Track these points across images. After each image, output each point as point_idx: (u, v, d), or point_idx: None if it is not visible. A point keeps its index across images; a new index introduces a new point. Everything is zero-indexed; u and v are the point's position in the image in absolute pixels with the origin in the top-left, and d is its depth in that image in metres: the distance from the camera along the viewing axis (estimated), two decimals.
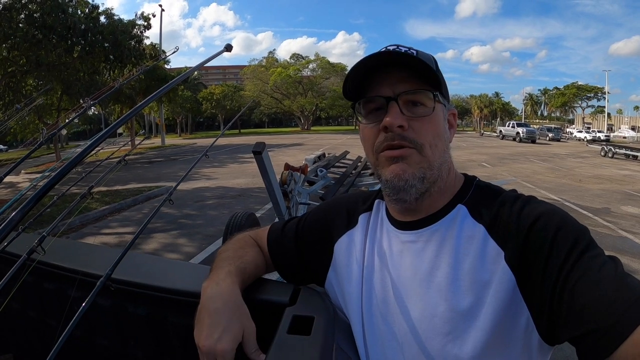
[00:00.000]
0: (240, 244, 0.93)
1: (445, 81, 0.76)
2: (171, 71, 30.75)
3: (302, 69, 59.52)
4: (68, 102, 20.12)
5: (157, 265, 1.11)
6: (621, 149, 19.93)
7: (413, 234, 0.75)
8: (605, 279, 0.55)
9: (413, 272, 0.72)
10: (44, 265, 1.00)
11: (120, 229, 6.87)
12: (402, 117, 0.69)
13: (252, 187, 10.41)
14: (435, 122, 0.72)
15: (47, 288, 1.11)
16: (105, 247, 3.48)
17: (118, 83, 1.35)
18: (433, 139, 0.71)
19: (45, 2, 11.87)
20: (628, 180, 12.03)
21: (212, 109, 57.40)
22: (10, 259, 0.94)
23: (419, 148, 0.70)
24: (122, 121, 0.97)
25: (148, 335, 1.00)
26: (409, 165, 0.70)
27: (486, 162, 16.53)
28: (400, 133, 0.69)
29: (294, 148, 24.03)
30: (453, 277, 0.68)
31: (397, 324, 0.73)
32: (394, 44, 0.74)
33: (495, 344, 0.64)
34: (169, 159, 20.35)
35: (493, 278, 0.64)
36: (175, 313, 0.94)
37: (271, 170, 3.61)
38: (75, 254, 1.19)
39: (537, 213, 0.65)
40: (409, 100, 0.71)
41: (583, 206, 8.21)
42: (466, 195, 0.75)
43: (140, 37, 15.44)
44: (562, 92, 64.84)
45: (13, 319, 1.25)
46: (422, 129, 0.70)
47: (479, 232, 0.68)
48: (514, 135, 34.14)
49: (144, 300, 0.97)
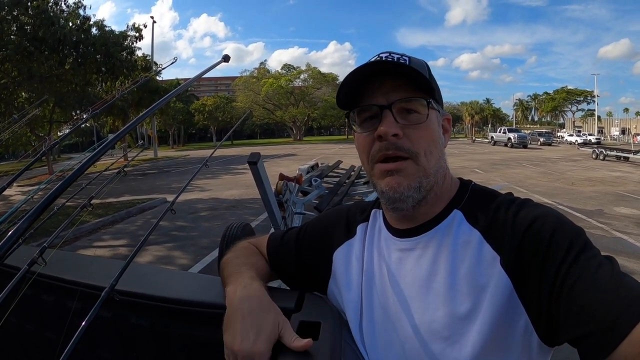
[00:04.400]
0: (249, 252, 0.94)
1: (438, 87, 0.77)
2: (163, 83, 30.76)
3: (294, 80, 59.65)
4: (60, 114, 20.04)
5: (160, 276, 1.10)
6: (612, 151, 20.18)
7: (410, 241, 0.75)
8: (603, 280, 0.55)
9: (411, 278, 0.73)
10: (44, 277, 0.99)
11: (113, 242, 6.80)
12: (397, 125, 0.70)
13: (245, 198, 10.37)
14: (430, 129, 0.72)
15: (47, 301, 1.09)
16: (105, 258, 3.45)
17: (119, 93, 1.35)
18: (428, 146, 0.71)
19: (37, 14, 11.85)
20: (620, 182, 12.17)
21: (204, 120, 57.38)
22: (8, 272, 0.93)
23: (414, 157, 0.70)
24: (125, 131, 0.98)
25: (151, 346, 0.99)
26: (405, 178, 0.71)
27: (479, 169, 16.63)
28: (395, 142, 0.70)
29: (287, 159, 24.03)
30: (451, 283, 0.68)
31: (396, 330, 0.74)
32: (387, 51, 0.75)
33: (494, 347, 0.64)
34: (162, 170, 20.27)
35: (490, 282, 0.65)
36: (179, 323, 0.93)
37: (266, 180, 3.60)
38: (76, 266, 1.17)
39: (532, 216, 0.65)
40: (402, 108, 0.71)
41: (576, 209, 8.28)
42: (462, 200, 0.75)
43: (132, 48, 15.43)
44: (552, 97, 65.77)
45: (11, 333, 1.23)
46: (417, 137, 0.71)
47: (475, 237, 0.69)
48: (505, 140, 34.47)
49: (147, 311, 0.95)
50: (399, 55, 0.73)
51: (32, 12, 11.87)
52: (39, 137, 18.69)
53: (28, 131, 17.01)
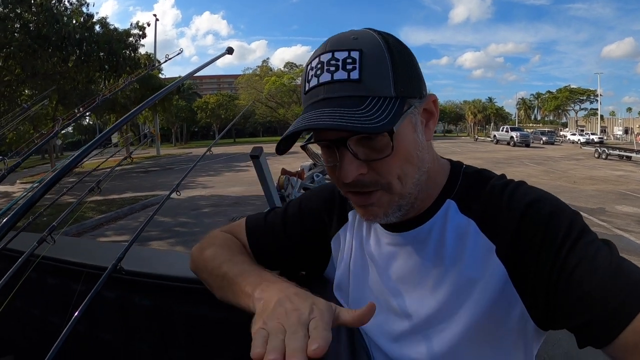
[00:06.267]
0: (238, 250, 0.85)
1: (411, 68, 0.63)
2: (166, 80, 30.74)
3: (296, 78, 59.47)
4: (63, 111, 20.05)
5: (163, 256, 1.12)
6: (615, 150, 20.09)
7: (402, 236, 0.72)
8: (602, 266, 0.54)
9: (403, 272, 0.72)
10: (49, 260, 1.00)
11: (116, 237, 6.84)
12: (358, 163, 0.60)
13: (248, 195, 10.40)
14: (400, 153, 0.61)
15: (52, 284, 1.11)
16: (110, 242, 3.44)
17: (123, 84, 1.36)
18: (402, 170, 0.62)
19: (40, 12, 11.87)
20: (622, 181, 12.15)
21: (206, 118, 57.33)
22: (10, 256, 0.94)
23: (385, 188, 0.62)
24: (125, 120, 0.99)
25: (154, 326, 1.01)
26: (379, 207, 0.64)
27: (481, 167, 16.54)
28: (360, 180, 0.61)
29: (289, 156, 23.79)
30: (443, 276, 0.67)
31: (389, 322, 0.73)
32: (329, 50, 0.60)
33: (489, 335, 0.64)
34: (165, 168, 20.32)
35: (484, 274, 0.63)
36: (181, 301, 0.95)
37: (269, 174, 3.61)
38: (81, 249, 1.19)
39: (528, 200, 0.62)
40: (360, 139, 0.60)
41: (578, 207, 8.24)
42: (454, 187, 0.71)
43: (135, 45, 15.44)
44: (555, 96, 65.36)
45: (15, 318, 1.24)
46: (385, 168, 0.61)
47: (470, 228, 0.66)
48: (508, 139, 34.27)
49: (150, 290, 0.97)
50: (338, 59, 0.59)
51: (36, 10, 11.90)
52: (42, 135, 18.72)
53: (31, 129, 17.03)
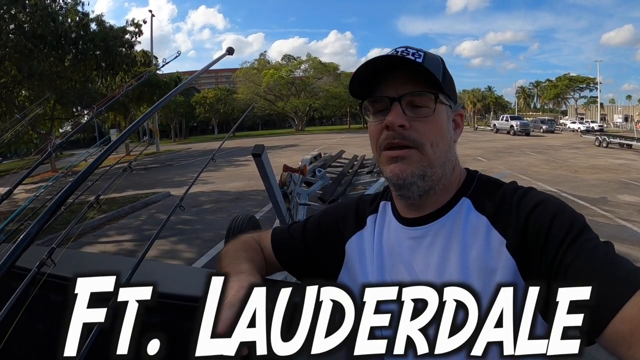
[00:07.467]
0: (248, 246, 0.96)
1: (453, 83, 0.81)
2: (163, 77, 30.64)
3: (295, 70, 59.36)
4: (61, 111, 20.03)
5: (169, 272, 1.10)
6: (615, 139, 20.05)
7: (421, 229, 0.79)
8: (597, 260, 0.59)
9: (424, 265, 0.77)
10: (53, 277, 0.98)
11: (118, 237, 6.85)
12: (404, 117, 0.73)
13: (248, 190, 10.40)
14: (437, 122, 0.76)
15: (56, 301, 1.09)
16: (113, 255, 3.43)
17: (122, 90, 1.35)
18: (434, 138, 0.75)
19: (35, 12, 11.79)
20: (623, 169, 12.12)
21: (205, 113, 57.20)
22: (18, 274, 0.92)
23: (419, 147, 0.74)
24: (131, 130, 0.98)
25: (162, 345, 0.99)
26: (409, 165, 0.74)
27: (482, 157, 16.59)
28: (401, 132, 0.73)
29: (289, 149, 24.00)
30: (462, 267, 0.72)
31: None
32: (404, 46, 0.78)
33: None
34: (165, 164, 20.32)
35: (498, 265, 0.69)
36: (190, 320, 0.93)
37: (271, 172, 3.60)
38: (85, 265, 1.17)
39: (535, 202, 0.70)
40: (411, 102, 0.75)
41: (580, 196, 8.26)
42: (469, 189, 0.80)
43: (131, 42, 15.33)
44: (555, 84, 65.09)
45: (19, 335, 1.23)
46: (423, 129, 0.74)
47: (483, 223, 0.73)
48: (508, 128, 34.20)
49: (158, 309, 0.95)
50: (415, 50, 0.76)
51: (30, 10, 11.81)
52: (40, 134, 18.70)
53: (30, 129, 16.98)
